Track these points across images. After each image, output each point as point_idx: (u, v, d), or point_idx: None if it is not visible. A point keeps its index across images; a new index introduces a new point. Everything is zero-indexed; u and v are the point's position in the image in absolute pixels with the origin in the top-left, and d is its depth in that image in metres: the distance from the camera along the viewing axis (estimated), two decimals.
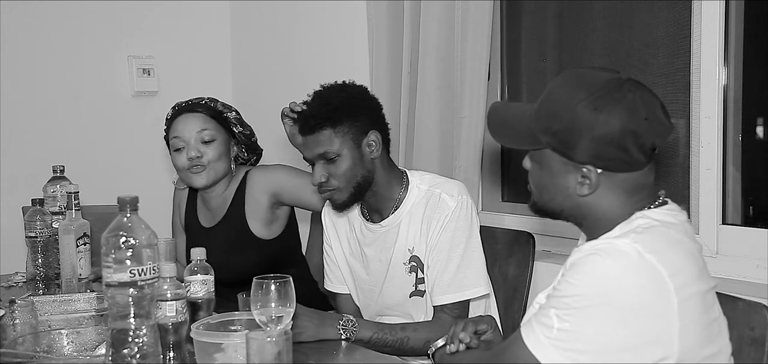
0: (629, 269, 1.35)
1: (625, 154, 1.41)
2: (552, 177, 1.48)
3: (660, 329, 1.34)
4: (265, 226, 2.50)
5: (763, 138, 2.31)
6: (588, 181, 1.44)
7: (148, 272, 1.47)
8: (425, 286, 2.11)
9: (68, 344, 1.83)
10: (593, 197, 1.45)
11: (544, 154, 1.48)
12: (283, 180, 2.48)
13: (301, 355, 1.76)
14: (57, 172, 2.62)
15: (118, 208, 1.49)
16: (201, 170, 2.43)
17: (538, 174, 1.52)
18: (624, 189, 1.45)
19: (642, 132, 1.41)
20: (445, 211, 2.05)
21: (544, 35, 2.84)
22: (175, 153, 2.45)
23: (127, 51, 3.61)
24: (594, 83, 1.43)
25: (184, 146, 2.43)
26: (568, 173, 1.46)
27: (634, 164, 1.43)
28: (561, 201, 1.49)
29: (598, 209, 1.47)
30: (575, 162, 1.44)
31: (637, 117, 1.40)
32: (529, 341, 1.41)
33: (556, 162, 1.46)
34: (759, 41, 2.25)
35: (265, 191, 2.48)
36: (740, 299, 1.65)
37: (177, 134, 2.44)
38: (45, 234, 2.49)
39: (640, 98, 1.41)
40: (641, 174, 1.45)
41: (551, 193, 1.50)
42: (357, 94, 2.10)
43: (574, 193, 1.46)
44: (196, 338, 1.71)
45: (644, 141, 1.41)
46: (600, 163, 1.42)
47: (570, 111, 1.42)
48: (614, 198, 1.46)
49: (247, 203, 2.49)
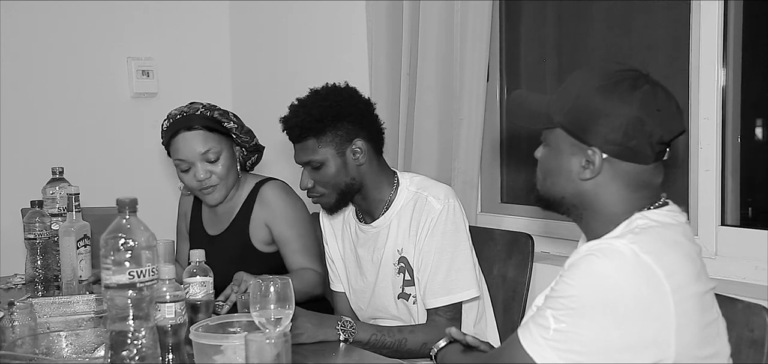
0: (625, 269, 1.35)
1: (632, 141, 1.42)
2: (559, 159, 1.50)
3: (656, 329, 1.35)
4: (266, 244, 2.49)
5: (762, 139, 2.31)
6: (591, 164, 1.45)
7: (147, 274, 1.46)
8: (411, 290, 2.13)
9: (67, 346, 1.82)
10: (595, 186, 1.46)
11: (555, 135, 1.50)
12: (281, 228, 2.44)
13: (300, 356, 1.76)
14: (56, 174, 2.62)
15: (117, 209, 1.48)
16: (212, 191, 2.41)
17: (546, 157, 1.53)
18: (626, 182, 1.46)
19: (652, 122, 1.42)
20: (431, 213, 2.07)
21: (544, 37, 2.84)
22: (183, 173, 2.42)
23: (127, 52, 3.61)
24: (613, 72, 1.46)
25: (190, 167, 2.39)
26: (574, 155, 1.47)
27: (640, 156, 1.44)
28: (564, 185, 1.50)
29: (598, 199, 1.47)
30: (583, 144, 1.45)
31: (650, 107, 1.42)
32: (526, 342, 1.42)
33: (565, 143, 1.48)
34: (757, 43, 2.26)
35: (266, 223, 2.46)
36: (739, 301, 1.65)
37: (180, 157, 2.38)
38: (44, 236, 2.49)
39: (655, 91, 1.44)
40: (646, 171, 1.46)
41: (555, 176, 1.51)
42: (343, 101, 2.10)
43: (577, 177, 1.47)
44: (195, 339, 1.71)
45: (653, 131, 1.43)
46: (607, 147, 1.44)
47: (585, 93, 1.45)
48: (615, 190, 1.46)
49: (252, 220, 2.48)
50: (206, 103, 2.42)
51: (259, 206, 2.47)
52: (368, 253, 2.20)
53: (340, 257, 2.32)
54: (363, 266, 2.23)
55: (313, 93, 2.12)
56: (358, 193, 2.14)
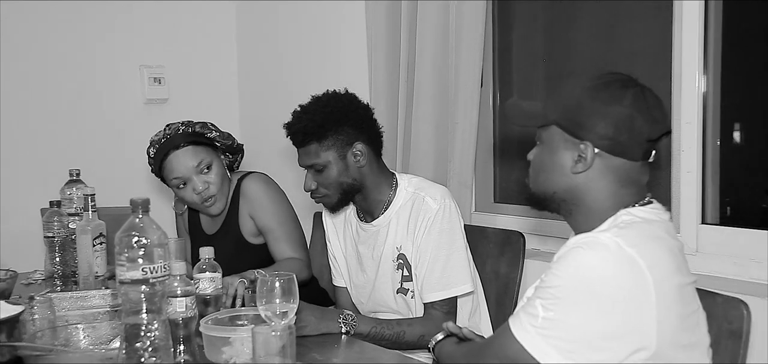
0: (610, 261, 1.36)
1: (622, 136, 1.43)
2: (552, 154, 1.50)
3: (639, 318, 1.35)
4: (255, 236, 2.51)
5: (740, 143, 2.32)
6: (584, 158, 1.46)
7: (159, 270, 1.46)
8: (409, 285, 2.13)
9: (84, 338, 1.83)
10: (586, 179, 1.47)
11: (550, 132, 1.51)
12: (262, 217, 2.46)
13: (304, 348, 1.76)
14: (73, 176, 2.61)
15: (131, 209, 1.48)
16: (214, 200, 2.43)
17: (540, 154, 1.54)
18: (616, 178, 1.46)
19: (640, 120, 1.43)
20: (428, 213, 2.07)
21: (534, 46, 2.84)
22: (180, 190, 2.43)
23: (139, 61, 3.61)
24: (604, 75, 1.49)
25: (186, 183, 2.40)
26: (567, 150, 1.48)
27: (630, 152, 1.45)
28: (556, 180, 1.50)
29: (588, 194, 1.47)
30: (576, 139, 1.46)
31: (639, 106, 1.43)
32: (516, 330, 1.42)
33: (559, 139, 1.49)
34: (736, 51, 2.26)
35: (250, 214, 2.48)
36: (719, 295, 1.65)
37: (175, 175, 2.39)
38: (62, 234, 2.49)
39: (644, 93, 1.46)
40: (634, 168, 1.47)
41: (548, 171, 1.51)
42: (343, 107, 2.10)
43: (570, 171, 1.47)
44: (205, 332, 1.71)
45: (642, 129, 1.44)
46: (599, 142, 1.44)
47: (579, 93, 1.47)
48: (605, 186, 1.46)
49: (240, 214, 2.50)
50: (183, 121, 2.43)
51: (242, 200, 2.49)
52: (368, 250, 2.21)
53: (342, 253, 2.33)
54: (363, 262, 2.23)
55: (315, 100, 2.12)
56: (359, 193, 2.14)
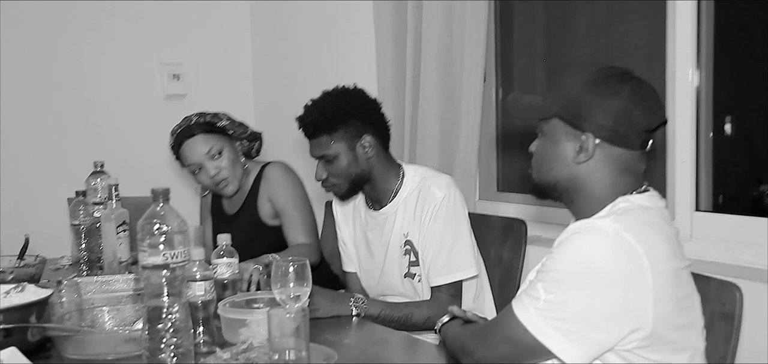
0: (608, 245, 1.36)
1: (622, 127, 1.43)
2: (554, 145, 1.49)
3: (636, 300, 1.35)
4: (272, 218, 2.54)
5: (731, 135, 2.31)
6: (585, 149, 1.45)
7: (179, 256, 1.47)
8: (417, 269, 2.13)
9: (109, 320, 1.83)
10: (587, 169, 1.46)
11: (551, 125, 1.49)
12: (280, 200, 2.50)
13: (317, 329, 1.77)
14: (98, 167, 2.63)
15: (152, 198, 1.49)
16: (226, 183, 2.49)
17: (542, 146, 1.53)
18: (616, 167, 1.46)
19: (638, 111, 1.43)
20: (434, 201, 2.07)
21: (533, 44, 2.85)
22: (196, 175, 2.50)
23: (159, 58, 3.62)
24: (604, 69, 1.48)
25: (201, 168, 2.46)
26: (569, 141, 1.47)
27: (628, 141, 1.44)
28: (559, 170, 1.49)
29: (589, 183, 1.47)
30: (577, 130, 1.45)
31: (637, 98, 1.43)
32: (519, 312, 1.42)
33: (560, 131, 1.48)
34: (728, 47, 2.25)
35: (269, 197, 2.53)
36: (713, 279, 1.65)
37: (189, 162, 2.47)
38: (87, 222, 2.51)
39: (641, 86, 1.45)
40: (633, 157, 1.46)
41: (551, 162, 1.50)
42: (352, 100, 2.11)
43: (572, 161, 1.47)
44: (223, 314, 1.72)
45: (640, 120, 1.43)
46: (600, 133, 1.44)
47: (579, 86, 1.46)
48: (606, 174, 1.46)
49: (259, 197, 2.54)
50: (198, 112, 2.50)
51: (263, 183, 2.54)
52: (377, 237, 2.21)
53: (352, 240, 2.33)
54: (372, 248, 2.23)
55: (325, 94, 2.13)
56: (368, 183, 2.14)
